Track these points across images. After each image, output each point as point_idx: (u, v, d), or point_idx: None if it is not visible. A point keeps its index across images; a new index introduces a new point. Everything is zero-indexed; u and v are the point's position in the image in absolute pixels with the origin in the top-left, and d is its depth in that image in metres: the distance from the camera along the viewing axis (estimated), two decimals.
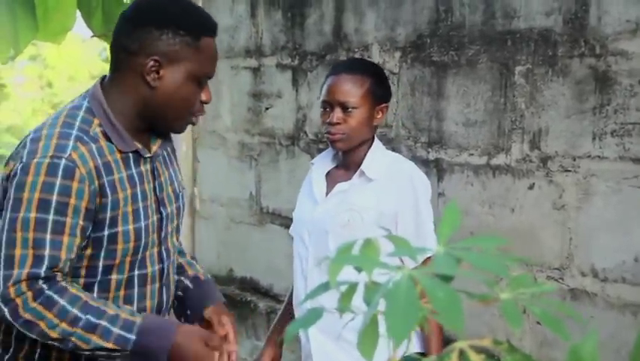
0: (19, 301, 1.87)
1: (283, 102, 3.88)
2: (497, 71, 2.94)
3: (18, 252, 1.89)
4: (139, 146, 2.08)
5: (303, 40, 3.74)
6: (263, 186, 4.04)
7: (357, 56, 3.46)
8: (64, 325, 1.88)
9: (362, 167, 2.64)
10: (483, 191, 3.02)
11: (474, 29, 3.01)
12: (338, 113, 2.63)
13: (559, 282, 2.82)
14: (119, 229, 2.00)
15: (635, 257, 2.62)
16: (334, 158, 2.77)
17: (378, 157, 2.66)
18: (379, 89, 2.66)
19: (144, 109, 2.05)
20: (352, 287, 1.11)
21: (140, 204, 2.06)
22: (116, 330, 1.90)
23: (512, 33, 2.89)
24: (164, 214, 2.17)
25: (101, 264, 2.02)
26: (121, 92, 2.05)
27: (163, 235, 2.17)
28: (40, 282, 1.88)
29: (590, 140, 2.70)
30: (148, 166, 2.12)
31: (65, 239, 1.91)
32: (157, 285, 2.16)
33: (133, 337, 1.90)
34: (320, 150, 3.65)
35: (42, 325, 1.89)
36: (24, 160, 1.92)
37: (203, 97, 2.11)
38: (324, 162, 2.79)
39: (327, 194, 2.70)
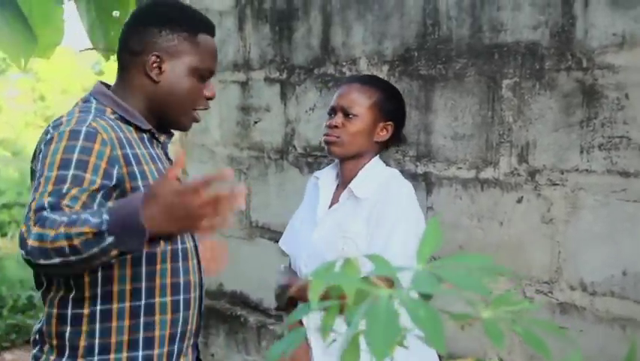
0: (26, 234, 1.86)
1: (272, 116, 3.87)
2: (485, 84, 2.93)
3: (31, 197, 1.93)
4: (151, 127, 2.20)
5: (291, 53, 3.73)
6: (252, 200, 4.03)
7: (345, 70, 3.45)
8: (54, 231, 1.83)
9: (350, 185, 2.63)
10: (472, 205, 3.01)
11: (461, 43, 3.00)
12: (339, 118, 2.64)
13: (548, 296, 2.81)
14: None
15: (624, 271, 2.61)
16: (337, 175, 2.76)
17: (371, 175, 2.65)
18: (387, 106, 2.66)
19: (151, 104, 2.19)
20: (335, 307, 1.10)
21: None
22: (93, 218, 1.78)
23: (499, 47, 2.88)
24: None
25: None
26: (128, 90, 2.19)
27: None
28: (44, 212, 1.88)
29: (577, 153, 2.69)
30: (160, 150, 2.23)
31: (79, 185, 1.93)
32: (196, 260, 2.24)
33: (106, 216, 1.79)
34: (309, 164, 3.65)
35: (46, 243, 1.83)
36: (52, 132, 2.02)
37: (207, 93, 2.25)
38: (330, 178, 2.77)
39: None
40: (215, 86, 4.11)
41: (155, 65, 2.16)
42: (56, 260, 1.86)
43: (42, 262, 1.87)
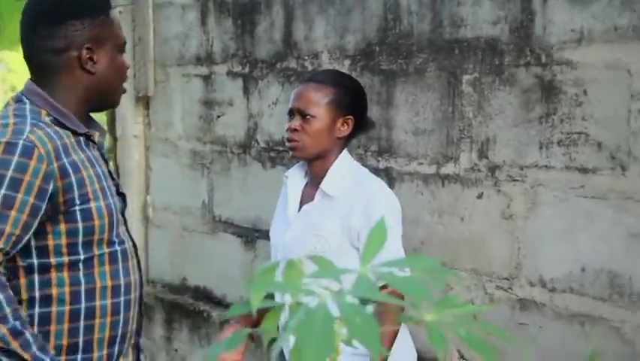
0: None
1: (234, 110, 3.84)
2: (445, 79, 2.92)
3: None
4: (87, 130, 2.17)
5: (254, 47, 3.70)
6: (215, 194, 4.00)
7: (307, 64, 3.43)
8: None
9: (322, 185, 2.62)
10: (433, 200, 3.00)
11: (422, 38, 2.99)
12: (297, 121, 2.62)
13: (508, 292, 2.81)
14: (92, 205, 2.07)
15: (582, 267, 2.61)
16: (306, 173, 2.74)
17: (340, 173, 2.63)
18: (344, 101, 2.63)
19: (87, 96, 2.16)
20: (276, 310, 1.08)
21: (104, 183, 2.14)
22: (34, 348, 1.94)
23: (460, 42, 2.87)
24: (123, 196, 2.29)
25: (80, 241, 2.06)
26: (61, 90, 2.13)
27: (123, 215, 2.27)
28: None
29: (537, 149, 2.69)
30: (97, 152, 2.19)
31: (13, 213, 1.93)
32: (135, 260, 2.25)
33: (47, 359, 1.95)
34: (272, 159, 3.63)
35: None
36: None
37: (127, 63, 2.25)
38: (298, 177, 2.76)
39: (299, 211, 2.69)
40: (179, 79, 4.09)
41: (88, 56, 2.12)
42: None
43: None
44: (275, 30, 3.59)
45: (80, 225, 2.05)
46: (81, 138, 2.14)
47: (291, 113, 2.66)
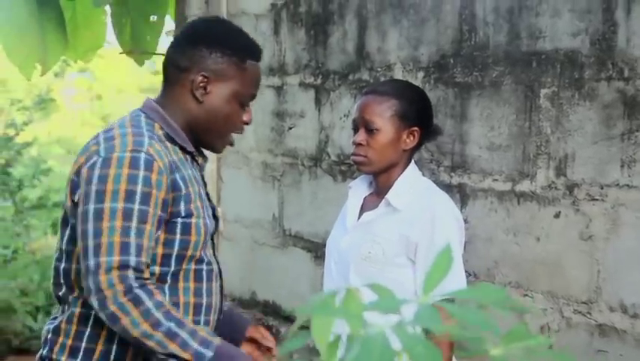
0: (109, 293, 1.99)
1: (306, 122, 3.78)
2: (522, 93, 2.81)
3: (105, 240, 2.01)
4: (194, 150, 2.28)
5: (326, 58, 3.64)
6: (285, 207, 3.94)
7: (379, 76, 3.35)
8: (145, 326, 2.00)
9: (387, 196, 2.59)
10: (507, 218, 2.89)
11: (498, 50, 2.88)
12: (362, 135, 2.59)
13: (586, 317, 2.68)
14: (193, 220, 2.16)
15: None
16: (370, 183, 2.72)
17: (407, 185, 2.60)
18: (409, 112, 2.58)
19: (192, 122, 2.24)
20: (336, 341, 1.04)
21: (205, 203, 2.24)
22: (194, 344, 2.02)
23: (538, 54, 2.76)
24: (216, 220, 2.37)
25: (175, 254, 2.15)
26: (173, 104, 2.24)
27: (212, 238, 2.34)
28: (130, 274, 2.01)
29: (618, 167, 2.55)
30: (198, 173, 2.29)
31: (148, 227, 2.05)
32: (219, 282, 2.32)
33: (210, 353, 2.02)
34: (342, 172, 3.56)
35: (126, 321, 2.00)
36: (103, 155, 2.07)
37: (245, 117, 2.29)
38: (361, 187, 2.76)
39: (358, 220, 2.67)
40: None
41: (201, 84, 2.21)
42: (126, 337, 2.04)
43: (109, 321, 2.03)
44: (347, 41, 3.52)
45: (178, 237, 2.14)
46: (188, 156, 2.25)
47: (355, 126, 2.62)
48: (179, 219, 2.13)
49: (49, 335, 2.21)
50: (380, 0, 3.34)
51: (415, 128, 2.59)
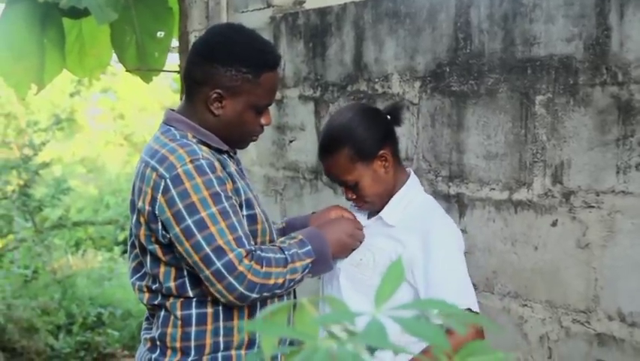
0: (250, 275, 2.18)
1: (306, 135, 3.76)
2: (517, 100, 2.77)
3: (221, 241, 2.17)
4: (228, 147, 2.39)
5: (325, 70, 3.62)
6: None
7: (377, 87, 3.32)
8: (281, 269, 2.23)
9: (381, 213, 2.57)
10: (505, 228, 2.85)
11: (493, 57, 2.85)
12: (348, 192, 2.62)
13: (585, 326, 2.63)
14: (255, 210, 2.32)
15: None
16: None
17: (402, 202, 2.57)
18: (365, 146, 2.50)
19: (212, 130, 2.33)
20: (294, 352, 1.03)
21: (252, 194, 2.37)
22: (301, 251, 2.30)
23: (532, 61, 2.72)
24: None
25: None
26: (197, 115, 2.33)
27: None
28: (255, 253, 2.20)
29: (614, 174, 2.51)
30: (236, 167, 2.39)
31: (240, 217, 2.23)
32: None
33: (309, 246, 2.33)
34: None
35: (272, 281, 2.21)
36: (168, 175, 2.18)
37: (263, 121, 2.38)
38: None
39: None
40: None
41: (216, 100, 2.29)
42: (274, 291, 2.24)
43: (260, 293, 2.22)
44: (345, 52, 3.50)
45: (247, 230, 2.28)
46: (224, 155, 2.35)
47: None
48: (244, 212, 2.29)
49: (156, 342, 2.36)
50: (376, 10, 3.32)
51: (380, 151, 2.53)
